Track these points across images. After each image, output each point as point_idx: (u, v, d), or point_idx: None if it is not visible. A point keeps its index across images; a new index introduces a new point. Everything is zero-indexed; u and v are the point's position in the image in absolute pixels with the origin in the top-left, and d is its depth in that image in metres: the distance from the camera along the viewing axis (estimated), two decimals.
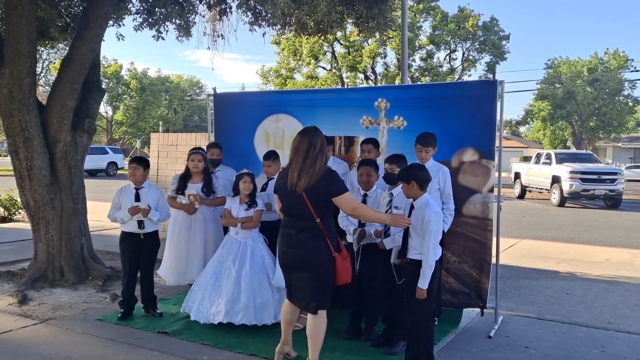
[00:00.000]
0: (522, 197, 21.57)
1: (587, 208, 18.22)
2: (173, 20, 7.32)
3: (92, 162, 29.12)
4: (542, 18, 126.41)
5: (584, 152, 26.58)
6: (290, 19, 7.53)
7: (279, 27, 7.90)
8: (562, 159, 19.64)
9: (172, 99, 52.31)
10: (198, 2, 7.33)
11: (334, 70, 30.39)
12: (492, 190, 5.11)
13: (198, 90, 64.77)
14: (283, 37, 25.04)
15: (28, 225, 7.03)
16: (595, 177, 17.92)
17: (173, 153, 9.68)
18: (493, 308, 5.22)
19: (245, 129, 6.44)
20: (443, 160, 4.99)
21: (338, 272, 3.82)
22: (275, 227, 4.26)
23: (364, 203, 4.56)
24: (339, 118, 5.79)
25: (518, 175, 22.00)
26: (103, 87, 7.50)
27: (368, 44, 28.75)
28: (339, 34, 26.53)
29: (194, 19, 7.47)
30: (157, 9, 7.28)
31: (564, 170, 18.23)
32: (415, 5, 29.21)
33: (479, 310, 5.25)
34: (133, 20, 7.44)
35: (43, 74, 41.91)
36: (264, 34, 7.65)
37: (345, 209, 3.89)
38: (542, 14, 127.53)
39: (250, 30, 7.33)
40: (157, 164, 9.84)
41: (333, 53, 30.08)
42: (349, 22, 8.84)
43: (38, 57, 6.94)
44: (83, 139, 6.87)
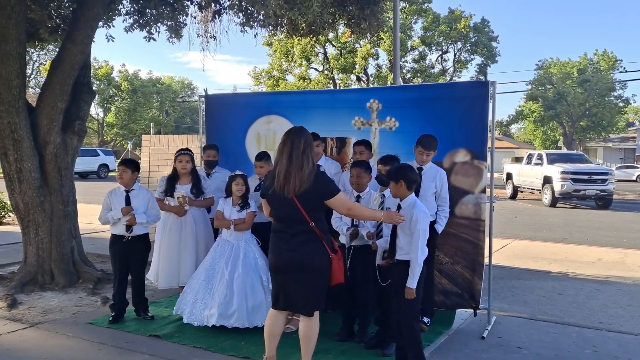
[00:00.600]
0: (514, 197, 21.66)
1: (578, 208, 18.32)
2: (164, 22, 7.28)
3: (83, 164, 29.05)
4: (532, 19, 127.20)
5: (575, 152, 26.72)
6: (282, 20, 7.52)
7: (271, 28, 7.89)
8: (553, 160, 19.75)
9: (163, 101, 52.14)
10: (189, 3, 7.30)
11: (326, 72, 30.40)
12: (484, 191, 5.12)
13: (190, 92, 64.68)
14: (275, 38, 24.99)
15: (18, 228, 6.98)
16: (587, 177, 18.04)
17: (164, 155, 9.61)
18: (486, 309, 5.22)
19: (237, 130, 6.42)
20: (435, 161, 4.99)
21: (333, 272, 3.78)
22: (268, 228, 4.22)
23: None
24: (331, 119, 5.78)
25: (510, 176, 22.10)
26: (94, 89, 7.45)
27: (360, 46, 28.79)
28: (331, 35, 26.57)
29: (185, 20, 7.44)
30: (147, 10, 7.24)
31: (556, 171, 18.33)
32: (407, 7, 29.27)
33: (472, 311, 5.26)
34: (123, 22, 7.40)
35: (33, 76, 41.77)
36: (256, 35, 7.64)
37: (341, 210, 3.86)
38: (532, 15, 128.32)
39: (242, 32, 7.31)
40: (148, 166, 9.78)
41: (325, 54, 30.10)
42: (341, 23, 8.84)
43: (28, 58, 6.88)
44: (73, 141, 6.82)
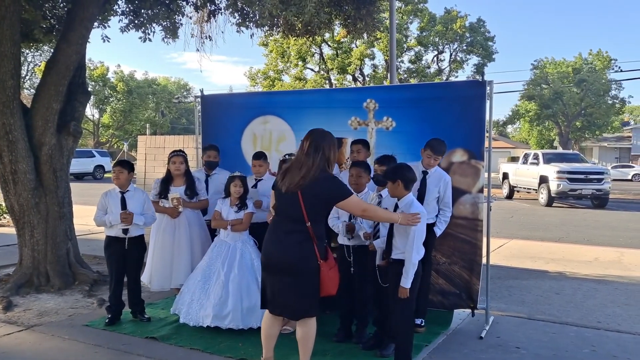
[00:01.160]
0: (510, 197, 21.69)
1: (574, 208, 18.35)
2: (159, 22, 7.25)
3: (78, 165, 29.01)
4: (529, 19, 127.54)
5: (571, 152, 26.77)
6: (278, 20, 7.50)
7: (267, 28, 7.87)
8: (549, 159, 19.78)
9: (159, 102, 52.03)
10: (185, 3, 7.28)
11: (322, 72, 30.39)
12: (481, 191, 5.12)
13: (185, 93, 64.51)
14: (271, 38, 24.99)
15: (13, 230, 6.93)
16: (582, 177, 18.07)
17: (160, 156, 9.58)
18: (484, 309, 5.22)
19: (233, 131, 6.40)
20: None
21: (323, 281, 3.65)
22: (265, 228, 4.20)
23: None
24: (327, 119, 5.73)
25: (506, 176, 22.12)
26: (89, 89, 7.41)
27: (356, 46, 28.80)
28: (327, 36, 26.57)
29: (181, 21, 7.42)
30: (143, 11, 7.21)
31: (552, 170, 18.36)
32: (403, 7, 29.30)
33: (470, 311, 5.26)
34: (119, 22, 7.39)
35: (28, 77, 41.62)
36: (252, 36, 7.61)
37: (356, 211, 3.84)
38: (529, 15, 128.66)
39: (238, 32, 7.28)
40: (144, 167, 9.75)
41: (321, 55, 30.09)
42: (337, 23, 8.82)
43: (22, 59, 6.84)
44: (68, 142, 6.78)
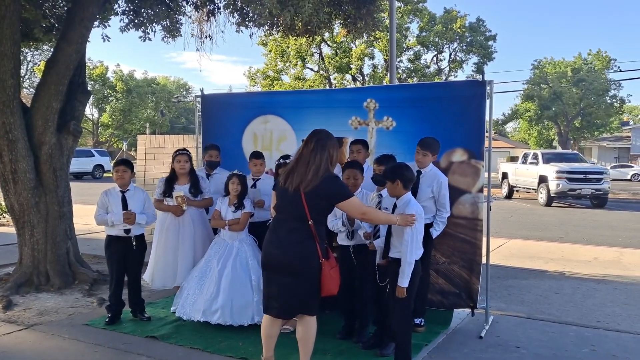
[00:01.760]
0: (509, 197, 21.70)
1: (573, 207, 18.37)
2: (159, 21, 7.25)
3: (78, 164, 28.98)
4: (529, 19, 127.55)
5: (570, 152, 26.78)
6: (278, 20, 7.50)
7: (267, 27, 7.87)
8: (548, 159, 19.79)
9: (158, 101, 52.03)
10: (185, 2, 7.28)
11: (322, 72, 30.39)
12: (481, 191, 5.11)
13: (185, 92, 64.57)
14: (270, 38, 25.01)
15: (13, 229, 6.93)
16: (582, 176, 18.09)
17: (160, 155, 9.59)
18: (483, 308, 5.22)
19: (233, 130, 6.39)
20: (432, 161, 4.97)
21: (324, 281, 3.63)
22: (265, 227, 4.20)
23: None
24: (328, 119, 5.74)
25: (505, 175, 22.14)
26: (89, 89, 7.41)
27: (355, 46, 28.80)
28: (327, 35, 26.56)
29: (181, 20, 7.42)
30: (143, 10, 7.21)
31: (551, 170, 18.38)
32: (403, 7, 29.30)
33: (470, 311, 5.26)
34: (120, 21, 7.38)
35: (27, 76, 41.63)
36: (251, 35, 7.62)
37: (355, 214, 3.82)
38: (529, 15, 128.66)
39: (237, 32, 7.28)
40: (144, 166, 9.76)
41: (320, 54, 30.09)
42: (337, 22, 8.82)
43: (22, 58, 6.84)
44: (68, 142, 6.78)
